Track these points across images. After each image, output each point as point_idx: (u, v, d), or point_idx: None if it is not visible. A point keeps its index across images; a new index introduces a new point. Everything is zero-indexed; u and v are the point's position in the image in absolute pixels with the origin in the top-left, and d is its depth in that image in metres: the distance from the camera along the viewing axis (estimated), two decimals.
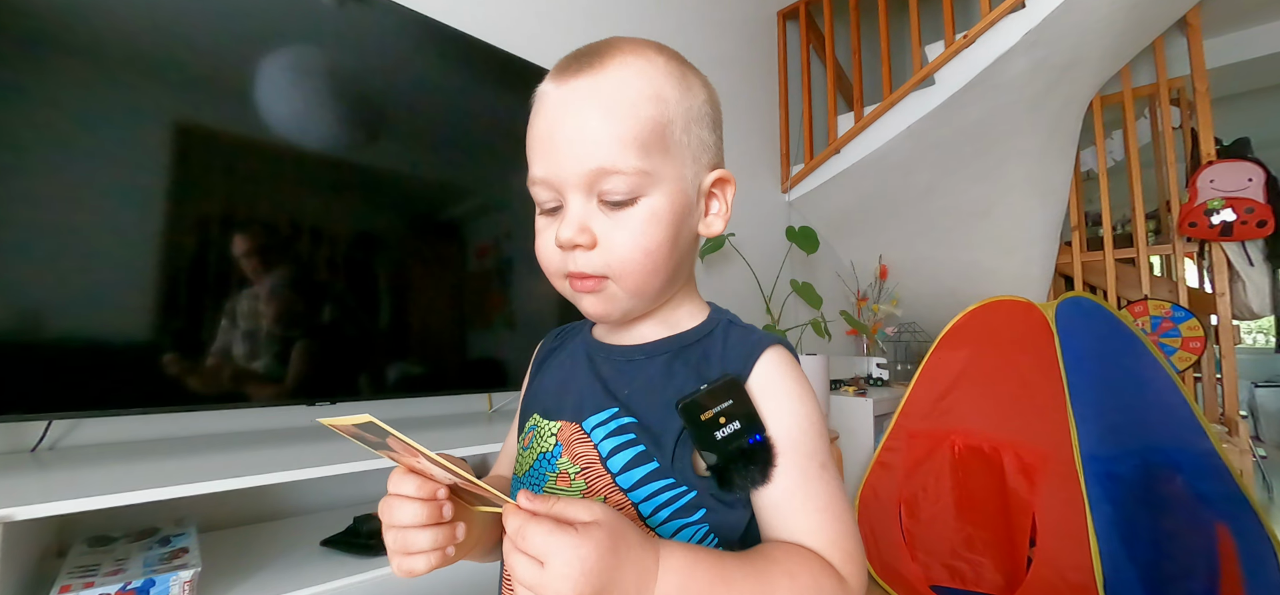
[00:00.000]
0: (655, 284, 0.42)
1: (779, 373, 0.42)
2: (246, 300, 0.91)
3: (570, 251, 0.40)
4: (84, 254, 0.78)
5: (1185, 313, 2.19)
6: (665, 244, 0.41)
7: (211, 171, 0.90)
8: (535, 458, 0.45)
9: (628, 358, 0.46)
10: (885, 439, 1.72)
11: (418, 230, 1.15)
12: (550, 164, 0.40)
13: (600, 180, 0.39)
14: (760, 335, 0.44)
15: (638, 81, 0.40)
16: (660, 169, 0.40)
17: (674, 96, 0.41)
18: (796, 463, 0.39)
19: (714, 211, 0.45)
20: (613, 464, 0.41)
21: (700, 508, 0.40)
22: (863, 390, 2.17)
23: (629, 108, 0.39)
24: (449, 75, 1.20)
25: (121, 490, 0.65)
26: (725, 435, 0.38)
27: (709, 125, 0.44)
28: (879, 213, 2.48)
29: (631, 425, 0.41)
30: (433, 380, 1.16)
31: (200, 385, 0.86)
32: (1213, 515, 1.30)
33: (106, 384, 0.80)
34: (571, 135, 0.39)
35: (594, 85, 0.39)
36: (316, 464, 0.80)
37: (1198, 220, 2.16)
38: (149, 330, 0.83)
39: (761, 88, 2.49)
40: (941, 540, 1.53)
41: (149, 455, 0.84)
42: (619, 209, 0.40)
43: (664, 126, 0.40)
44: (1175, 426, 1.38)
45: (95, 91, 0.81)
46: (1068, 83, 2.09)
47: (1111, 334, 1.51)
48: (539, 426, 0.47)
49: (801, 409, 0.41)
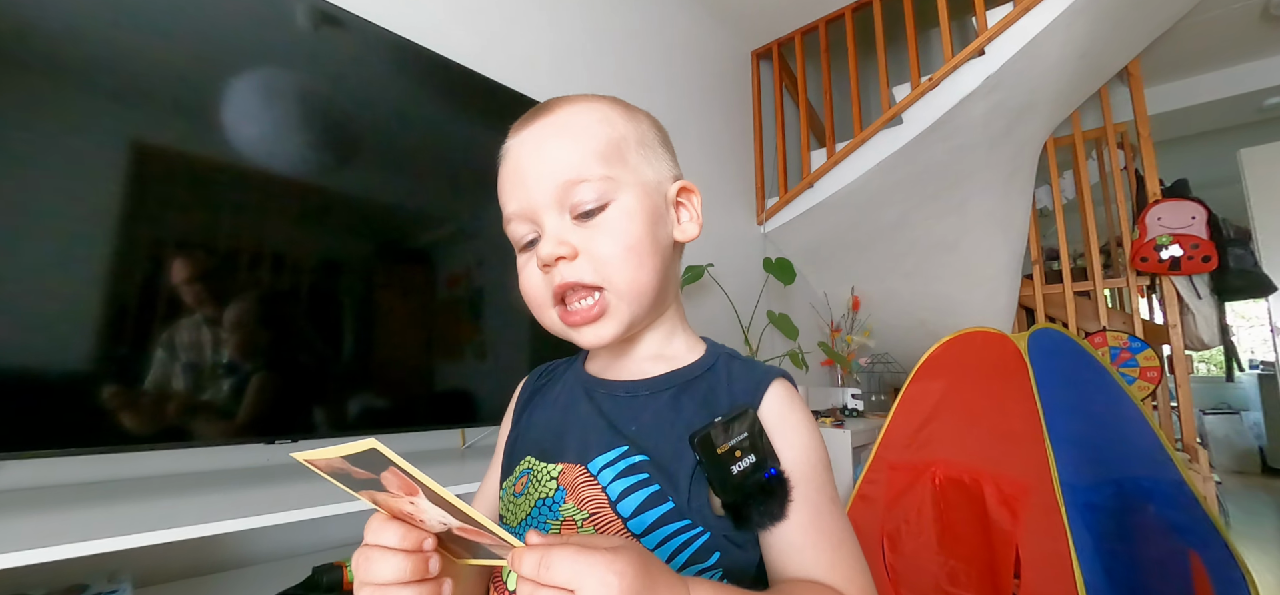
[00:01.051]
0: (646, 280, 0.42)
1: (787, 406, 0.42)
2: (194, 329, 0.84)
3: (554, 267, 0.41)
4: (7, 278, 0.71)
5: (1141, 343, 2.28)
6: (645, 238, 0.42)
7: (161, 193, 0.84)
8: (533, 504, 0.42)
9: (631, 393, 0.45)
10: (866, 471, 1.71)
11: (386, 257, 1.10)
12: (521, 195, 0.42)
13: (570, 193, 0.41)
14: (764, 368, 0.44)
15: (588, 112, 0.44)
16: (622, 175, 0.42)
17: (621, 120, 0.45)
18: (809, 497, 0.39)
19: (686, 218, 0.47)
20: (623, 507, 0.39)
21: (715, 550, 0.38)
22: (840, 421, 2.17)
23: (584, 129, 0.43)
24: (422, 99, 1.17)
25: (44, 543, 0.57)
26: (742, 469, 0.37)
27: (659, 145, 0.47)
28: (851, 245, 2.53)
29: (643, 463, 0.40)
30: (402, 414, 1.09)
31: (141, 422, 0.78)
32: (1185, 543, 1.32)
33: (31, 422, 0.72)
34: (537, 164, 0.42)
35: (550, 122, 0.43)
36: (271, 509, 0.73)
37: (1148, 255, 2.27)
38: (83, 361, 0.75)
39: (737, 124, 2.54)
40: (925, 574, 1.51)
41: (77, 501, 0.75)
42: (592, 217, 0.41)
43: (618, 142, 0.43)
44: (1144, 456, 1.41)
45: (41, 108, 0.75)
46: (1024, 124, 2.20)
47: (1080, 365, 1.54)
48: (535, 470, 0.44)
49: (811, 441, 0.41)
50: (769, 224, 2.52)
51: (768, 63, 2.71)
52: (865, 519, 1.65)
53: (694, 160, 2.24)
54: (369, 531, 0.32)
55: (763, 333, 2.17)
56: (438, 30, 1.36)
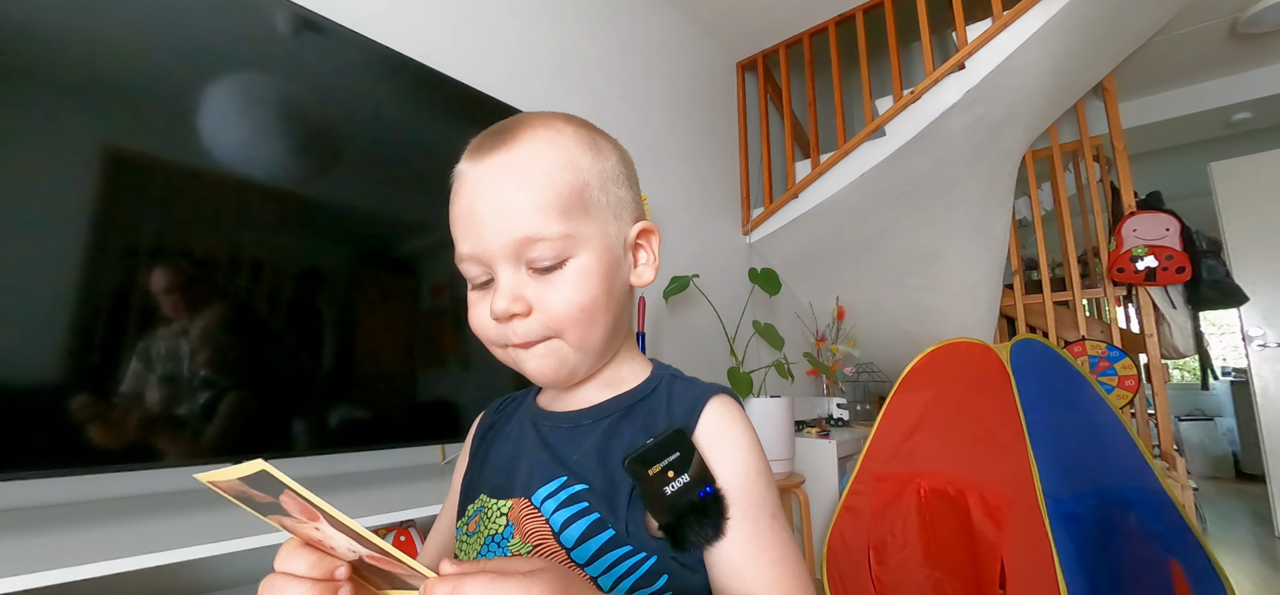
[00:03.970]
0: (597, 336, 0.42)
1: (726, 422, 0.42)
2: (165, 345, 0.81)
3: (507, 323, 0.40)
4: None
5: (1119, 352, 2.32)
6: (600, 296, 0.41)
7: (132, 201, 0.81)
8: (483, 542, 0.42)
9: (574, 423, 0.45)
10: (851, 482, 1.71)
11: (366, 267, 1.07)
12: (475, 240, 0.41)
13: (526, 249, 0.39)
14: (704, 386, 0.44)
15: (550, 151, 0.41)
16: (582, 229, 0.41)
17: (586, 161, 0.42)
18: (748, 514, 0.39)
19: (643, 262, 0.46)
20: (566, 537, 0.39)
21: (662, 574, 0.38)
22: (825, 431, 2.17)
23: (544, 176, 0.40)
24: (402, 107, 1.15)
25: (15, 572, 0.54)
26: (675, 490, 0.37)
27: (624, 183, 0.45)
28: (835, 256, 2.55)
29: (583, 493, 0.40)
30: (379, 430, 1.07)
31: (108, 442, 0.75)
32: (1165, 552, 1.34)
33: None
34: (492, 209, 0.40)
35: (508, 159, 0.40)
36: (247, 531, 0.70)
37: (1125, 266, 2.32)
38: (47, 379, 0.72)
39: (722, 134, 2.56)
40: (911, 586, 1.51)
41: (43, 523, 0.71)
42: (549, 273, 0.40)
43: (580, 190, 0.41)
44: (1124, 465, 1.43)
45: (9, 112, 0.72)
46: (1003, 137, 2.24)
47: (1062, 375, 1.56)
48: (487, 508, 0.44)
49: (749, 458, 0.41)
50: (754, 234, 2.53)
51: (752, 74, 2.74)
52: (852, 531, 1.65)
53: (679, 171, 2.24)
54: (279, 559, 0.31)
55: (748, 343, 2.17)
56: (418, 38, 1.35)
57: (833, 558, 1.66)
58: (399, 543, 0.93)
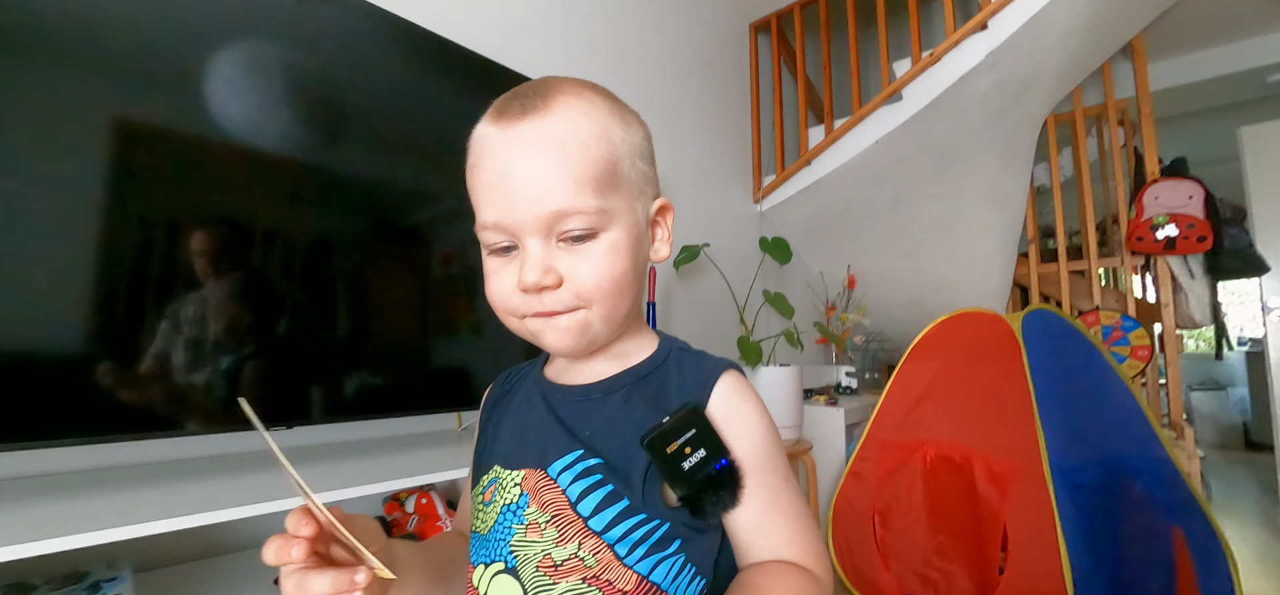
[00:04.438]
0: (623, 309, 0.43)
1: (737, 397, 0.44)
2: (187, 317, 0.84)
3: (536, 293, 0.40)
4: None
5: (1133, 322, 2.30)
6: (629, 271, 0.42)
7: (150, 174, 0.82)
8: (499, 512, 0.43)
9: (585, 396, 0.46)
10: (858, 449, 1.74)
11: (379, 238, 1.08)
12: (504, 209, 0.40)
13: (559, 222, 0.39)
14: (713, 361, 0.46)
15: (585, 122, 0.40)
16: (614, 204, 0.41)
17: (618, 134, 0.42)
18: (764, 481, 0.41)
19: (660, 239, 0.47)
20: (583, 508, 0.40)
21: (675, 538, 0.40)
22: (834, 400, 2.19)
23: (581, 148, 0.39)
24: (409, 73, 1.14)
25: (43, 536, 0.57)
26: (692, 465, 0.39)
27: (648, 159, 0.46)
28: (848, 224, 2.52)
29: (598, 466, 0.41)
30: (395, 398, 1.10)
31: (133, 411, 0.78)
32: (1168, 520, 1.35)
33: (25, 411, 0.71)
34: (525, 178, 0.39)
35: (542, 127, 0.39)
36: (268, 494, 0.73)
37: (1144, 235, 2.28)
38: (74, 349, 0.75)
39: (734, 99, 2.50)
40: (914, 549, 1.55)
41: (74, 489, 0.75)
42: (579, 244, 0.40)
43: (614, 163, 0.41)
44: (1133, 435, 1.44)
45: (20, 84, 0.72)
46: (1025, 101, 2.18)
47: (1073, 345, 1.56)
48: (501, 478, 0.45)
49: (762, 428, 0.43)
50: (765, 202, 2.50)
51: (766, 36, 2.66)
52: (857, 495, 1.68)
53: (690, 138, 2.21)
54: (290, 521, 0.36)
55: (758, 312, 2.17)
56: (426, 5, 1.32)
57: (838, 521, 1.70)
58: (421, 505, 0.96)
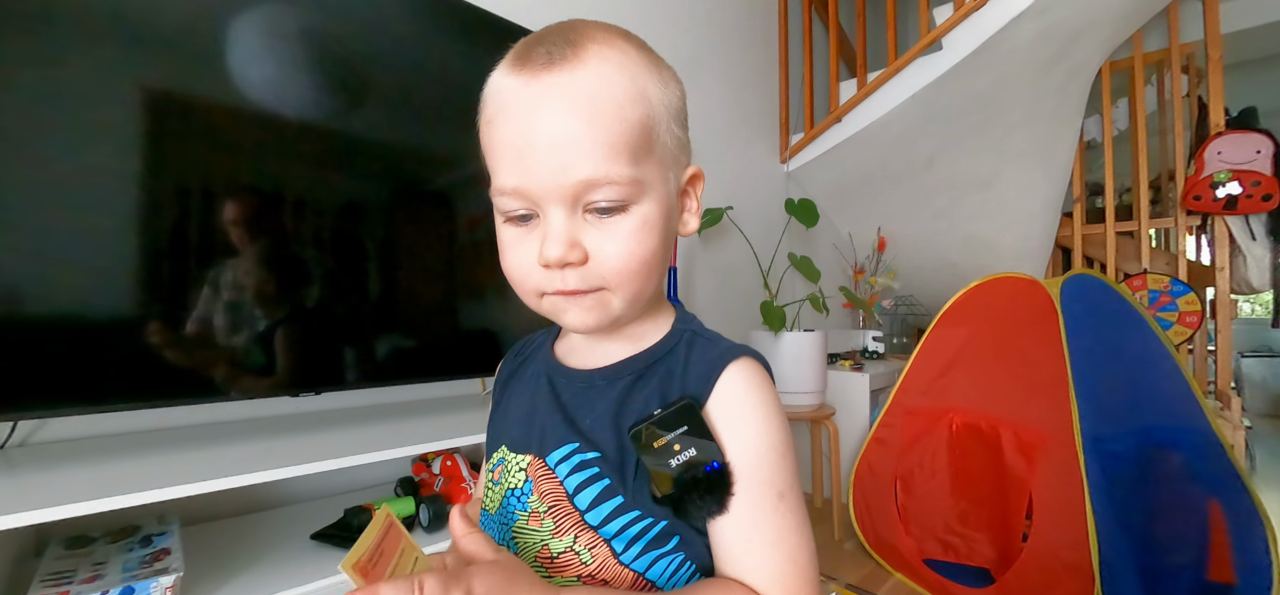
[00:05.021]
0: (649, 290, 0.40)
1: (742, 391, 0.39)
2: (226, 288, 0.86)
3: (558, 270, 0.36)
4: (49, 241, 0.73)
5: (1184, 287, 2.18)
6: (658, 250, 0.38)
7: (186, 150, 0.84)
8: (504, 495, 0.42)
9: (588, 383, 0.43)
10: (882, 415, 1.72)
11: (404, 207, 1.09)
12: (525, 174, 0.35)
13: (587, 192, 0.35)
14: (725, 348, 0.41)
15: (620, 79, 0.35)
16: (648, 174, 0.37)
17: (655, 93, 0.37)
18: (751, 492, 0.37)
19: (689, 210, 0.43)
20: (579, 500, 0.39)
21: (674, 536, 0.38)
22: (859, 365, 2.16)
23: (616, 109, 0.35)
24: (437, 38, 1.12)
25: (97, 494, 0.61)
26: (680, 463, 0.36)
27: (682, 122, 0.41)
28: (879, 183, 2.43)
29: (596, 460, 0.39)
30: (422, 365, 1.12)
31: (178, 378, 0.82)
32: (1206, 492, 1.31)
33: (80, 379, 0.75)
34: (551, 142, 0.34)
35: (573, 82, 0.34)
36: (306, 456, 0.77)
37: (1202, 193, 2.13)
38: (122, 322, 0.78)
39: (761, 52, 2.39)
40: (936, 515, 1.54)
41: (126, 451, 0.80)
42: (608, 217, 0.36)
43: (651, 128, 0.36)
44: (1172, 404, 1.38)
45: (57, 62, 0.73)
46: (1079, 48, 2.02)
47: (1116, 312, 1.49)
48: (507, 461, 0.44)
49: (763, 432, 0.38)
50: (793, 162, 2.42)
51: None
52: (880, 461, 1.68)
53: (714, 95, 2.13)
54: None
55: (783, 275, 2.13)
56: None
57: (859, 486, 1.70)
58: (446, 467, 1.00)
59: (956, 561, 1.49)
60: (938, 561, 1.50)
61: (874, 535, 1.64)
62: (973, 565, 1.47)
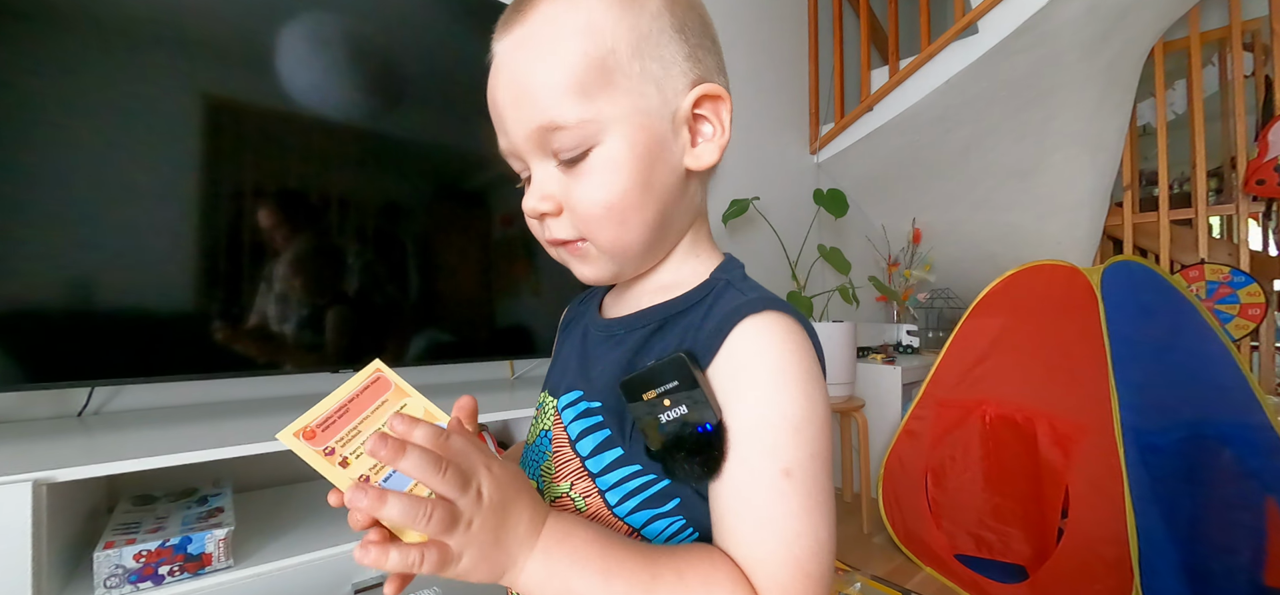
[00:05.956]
0: (632, 237, 0.37)
1: (758, 347, 0.34)
2: (279, 272, 0.93)
3: (541, 222, 0.38)
4: (124, 229, 0.80)
5: (1246, 277, 2.04)
6: (631, 191, 0.36)
7: (242, 145, 0.91)
8: (538, 433, 0.44)
9: (608, 332, 0.42)
10: (913, 408, 1.68)
11: (444, 201, 1.14)
12: (502, 133, 0.38)
13: (548, 138, 0.35)
14: (750, 298, 0.36)
15: (568, 16, 0.34)
16: (605, 111, 0.34)
17: (608, 21, 0.34)
18: (748, 462, 0.33)
19: (705, 136, 0.38)
20: (581, 447, 0.39)
21: (674, 497, 0.36)
22: (891, 358, 2.12)
23: (555, 48, 0.34)
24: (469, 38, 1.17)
25: (161, 453, 0.68)
26: (670, 419, 0.33)
27: (671, 38, 0.36)
28: (913, 173, 2.37)
29: (597, 409, 0.39)
30: (458, 348, 1.17)
31: (235, 354, 0.89)
32: (1262, 489, 1.23)
33: (147, 353, 0.83)
34: (511, 96, 0.36)
35: (522, 35, 0.35)
36: None
37: (1267, 177, 2.00)
38: (186, 302, 0.86)
39: (790, 41, 2.37)
40: (968, 510, 1.51)
41: (187, 419, 0.87)
42: (575, 165, 0.36)
43: (602, 60, 0.34)
44: (1228, 399, 1.30)
45: (130, 68, 0.81)
46: (1127, 27, 1.93)
47: (1163, 301, 1.42)
48: (544, 402, 0.46)
49: (773, 395, 0.33)
50: (823, 153, 2.39)
51: None
52: (910, 454, 1.65)
53: (741, 85, 2.13)
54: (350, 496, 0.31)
55: (812, 267, 2.11)
56: None
57: (889, 479, 1.67)
58: None
59: (990, 557, 1.45)
60: (970, 557, 1.47)
61: (904, 529, 1.61)
62: (1007, 561, 1.43)
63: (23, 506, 0.59)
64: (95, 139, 0.79)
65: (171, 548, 0.67)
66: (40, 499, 0.60)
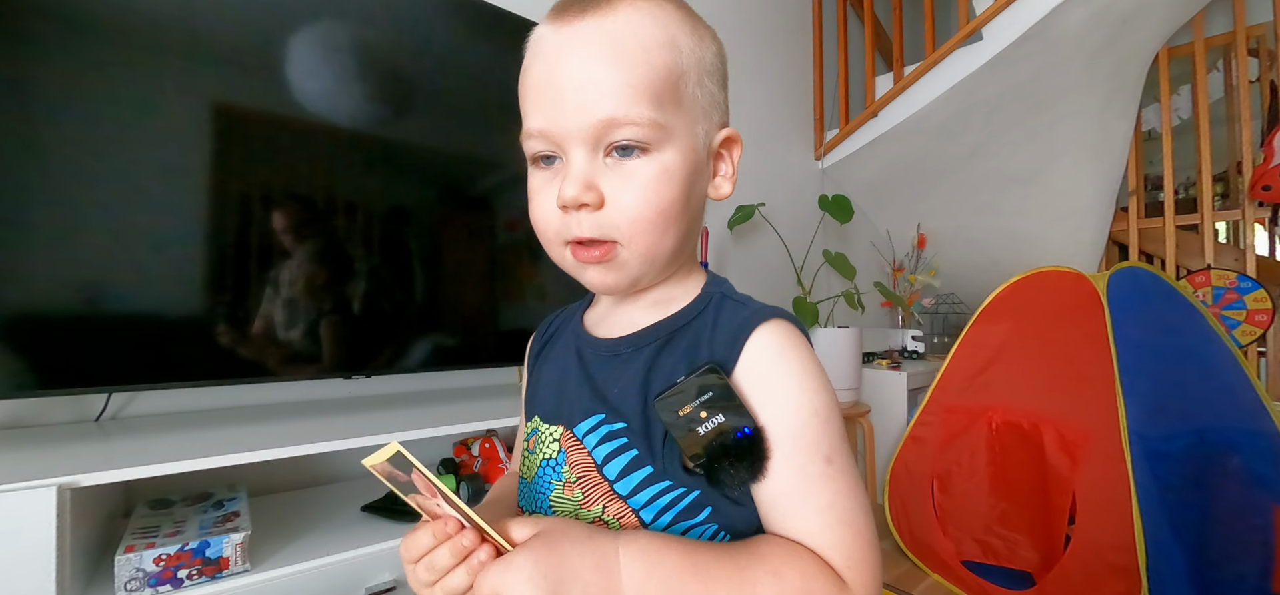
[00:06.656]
0: (666, 247, 0.39)
1: (774, 353, 0.37)
2: (290, 278, 0.94)
3: (574, 212, 0.37)
4: (139, 236, 0.82)
5: (1252, 283, 2.04)
6: (678, 203, 0.38)
7: (255, 152, 0.92)
8: (539, 464, 0.43)
9: (614, 352, 0.42)
10: (919, 413, 1.69)
11: (450, 206, 1.16)
12: (549, 115, 0.36)
13: (608, 132, 0.35)
14: (754, 309, 0.39)
15: (650, 26, 0.36)
16: (673, 123, 0.36)
17: (688, 45, 0.38)
18: (793, 458, 0.35)
19: (722, 174, 0.42)
20: (609, 471, 0.39)
21: (705, 507, 0.37)
22: (897, 363, 2.12)
23: (642, 52, 0.35)
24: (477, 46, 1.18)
25: (180, 458, 0.69)
26: (708, 430, 0.35)
27: (719, 81, 0.41)
28: (918, 179, 2.37)
29: (623, 430, 0.39)
30: (465, 353, 1.18)
31: (248, 360, 0.90)
32: (1270, 497, 1.23)
33: (163, 359, 0.84)
34: (576, 82, 0.35)
35: (601, 27, 0.36)
36: (357, 435, 0.83)
37: (1273, 182, 2.00)
38: (201, 308, 0.87)
39: (795, 47, 2.39)
40: (974, 516, 1.51)
41: (203, 425, 0.89)
42: (627, 160, 0.36)
43: (678, 77, 0.37)
44: (1236, 405, 1.30)
45: (141, 75, 0.83)
46: (1132, 33, 1.93)
47: (1169, 307, 1.42)
48: (541, 431, 0.44)
49: (800, 396, 0.36)
50: (827, 159, 2.40)
51: None
52: (916, 460, 1.65)
53: (746, 91, 2.14)
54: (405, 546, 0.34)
55: (817, 273, 2.12)
56: None
57: (895, 485, 1.67)
58: (485, 449, 1.05)
59: (996, 564, 1.45)
60: (977, 563, 1.47)
61: (910, 535, 1.61)
62: (1013, 568, 1.43)
63: (47, 511, 0.60)
64: (113, 147, 0.80)
65: (190, 551, 0.68)
66: (64, 503, 0.61)
